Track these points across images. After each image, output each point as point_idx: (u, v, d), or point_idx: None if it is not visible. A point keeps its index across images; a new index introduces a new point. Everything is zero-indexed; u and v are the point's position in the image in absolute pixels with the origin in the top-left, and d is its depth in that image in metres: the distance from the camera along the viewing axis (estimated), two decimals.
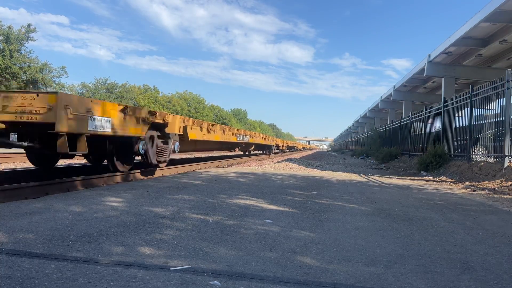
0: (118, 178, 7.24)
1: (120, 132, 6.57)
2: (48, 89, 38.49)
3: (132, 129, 6.96)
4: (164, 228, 2.94)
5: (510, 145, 8.35)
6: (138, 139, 7.30)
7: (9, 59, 35.25)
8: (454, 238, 3.12)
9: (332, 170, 11.84)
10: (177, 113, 59.27)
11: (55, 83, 40.73)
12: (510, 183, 7.30)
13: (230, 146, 17.29)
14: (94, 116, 5.86)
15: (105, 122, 6.18)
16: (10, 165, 10.85)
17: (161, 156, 8.30)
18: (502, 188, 7.09)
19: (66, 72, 41.70)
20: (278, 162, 15.21)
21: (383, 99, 37.42)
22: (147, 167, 8.53)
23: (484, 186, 7.54)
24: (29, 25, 37.41)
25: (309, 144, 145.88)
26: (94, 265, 2.06)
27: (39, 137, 6.00)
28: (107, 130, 6.24)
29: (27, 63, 37.27)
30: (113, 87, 61.91)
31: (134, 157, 7.94)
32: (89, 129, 5.78)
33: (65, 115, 5.25)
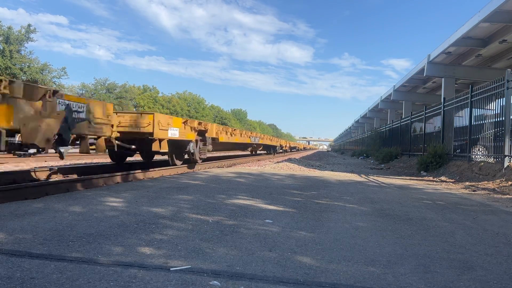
0: (118, 178, 7.31)
1: (182, 137, 9.26)
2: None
3: (188, 135, 9.68)
4: (164, 228, 2.94)
5: (510, 145, 8.35)
6: (190, 142, 9.91)
7: (9, 60, 35.26)
8: (454, 238, 3.12)
9: (332, 170, 11.84)
10: (177, 114, 59.79)
11: (55, 83, 40.73)
12: (510, 183, 7.30)
13: (244, 146, 20.99)
14: (170, 127, 8.55)
15: (175, 130, 8.83)
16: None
17: (202, 155, 10.79)
18: (502, 188, 7.08)
19: (66, 73, 41.81)
20: (278, 162, 15.20)
21: (383, 99, 37.44)
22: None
23: (484, 186, 7.54)
24: (29, 25, 37.45)
25: (309, 144, 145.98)
26: (94, 265, 2.06)
27: (138, 141, 8.25)
28: (176, 136, 8.88)
29: (27, 64, 37.27)
30: (113, 88, 61.96)
31: (185, 155, 10.28)
32: (168, 136, 8.44)
33: (158, 127, 7.87)
